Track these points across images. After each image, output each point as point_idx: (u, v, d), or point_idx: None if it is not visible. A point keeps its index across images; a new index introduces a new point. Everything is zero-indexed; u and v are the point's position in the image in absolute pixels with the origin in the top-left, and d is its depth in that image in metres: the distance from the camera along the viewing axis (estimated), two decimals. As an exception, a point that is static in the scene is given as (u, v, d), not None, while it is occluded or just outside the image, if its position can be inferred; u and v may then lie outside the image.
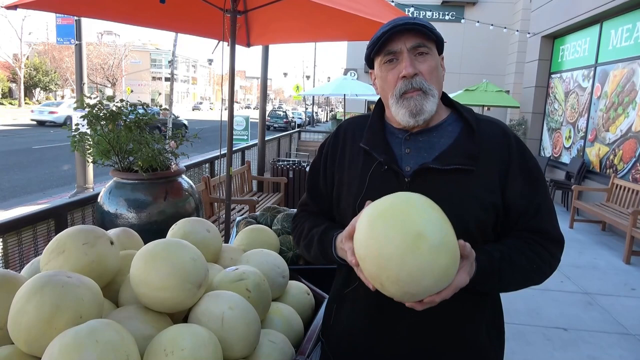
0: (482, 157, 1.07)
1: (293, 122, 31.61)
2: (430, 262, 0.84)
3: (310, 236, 1.21)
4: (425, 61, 1.06)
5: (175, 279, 1.10)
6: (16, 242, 2.29)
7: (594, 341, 3.40)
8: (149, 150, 2.35)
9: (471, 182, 1.05)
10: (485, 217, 1.06)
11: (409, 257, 0.84)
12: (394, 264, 0.85)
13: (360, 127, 1.21)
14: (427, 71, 1.06)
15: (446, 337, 1.09)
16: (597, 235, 6.41)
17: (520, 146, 1.12)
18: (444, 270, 0.86)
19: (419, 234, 0.84)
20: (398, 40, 1.05)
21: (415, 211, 0.88)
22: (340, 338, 1.22)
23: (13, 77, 41.47)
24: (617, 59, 7.04)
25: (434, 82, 1.07)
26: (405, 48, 1.05)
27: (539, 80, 9.75)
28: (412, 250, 0.84)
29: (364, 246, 0.90)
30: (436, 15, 15.56)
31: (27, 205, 7.40)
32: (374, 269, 0.89)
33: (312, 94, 21.41)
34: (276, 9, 3.24)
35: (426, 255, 0.84)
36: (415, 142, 1.12)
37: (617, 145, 6.84)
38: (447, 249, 0.86)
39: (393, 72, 1.08)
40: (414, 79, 1.05)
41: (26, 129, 21.51)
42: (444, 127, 1.13)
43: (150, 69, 63.92)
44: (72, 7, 3.12)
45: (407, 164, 1.10)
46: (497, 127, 1.13)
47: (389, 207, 0.90)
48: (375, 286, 0.91)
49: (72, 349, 0.87)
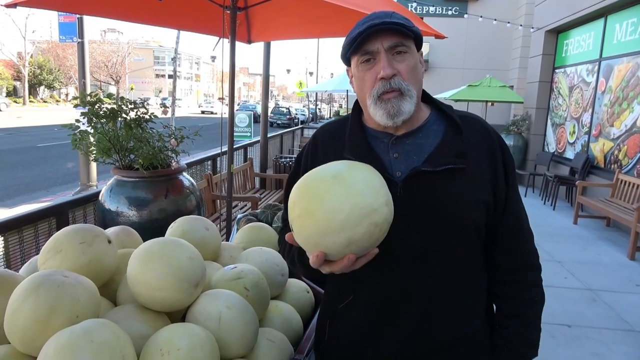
0: (470, 154, 1.06)
1: (296, 118, 31.60)
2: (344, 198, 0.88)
3: (291, 254, 1.14)
4: (404, 60, 1.03)
5: (172, 278, 1.10)
6: (17, 240, 2.29)
7: (598, 338, 3.38)
8: (150, 148, 2.35)
9: (464, 181, 1.04)
10: (480, 215, 1.05)
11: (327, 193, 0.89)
12: (315, 205, 0.90)
13: (339, 135, 1.15)
14: (406, 71, 1.03)
15: (447, 336, 1.08)
16: (602, 231, 6.38)
17: (502, 142, 1.12)
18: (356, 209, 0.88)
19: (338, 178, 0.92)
20: (375, 40, 1.02)
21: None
22: (336, 355, 1.18)
23: (17, 76, 41.65)
24: (621, 53, 6.98)
25: (413, 81, 1.04)
26: (383, 48, 1.02)
27: (542, 75, 9.68)
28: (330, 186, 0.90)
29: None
30: (439, 10, 15.46)
31: (31, 203, 7.43)
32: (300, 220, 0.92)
33: (314, 90, 21.38)
34: (277, 5, 3.22)
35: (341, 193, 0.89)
36: (403, 146, 1.08)
37: (621, 141, 6.79)
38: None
39: (371, 73, 1.04)
40: (392, 80, 1.02)
41: (31, 127, 21.60)
42: (429, 126, 1.10)
43: (154, 66, 64.00)
44: (72, 4, 3.11)
45: (398, 169, 1.06)
46: (478, 123, 1.13)
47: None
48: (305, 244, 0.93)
49: (67, 350, 0.87)
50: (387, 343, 1.09)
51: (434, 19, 14.23)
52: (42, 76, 43.39)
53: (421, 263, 1.03)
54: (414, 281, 1.04)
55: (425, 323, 1.06)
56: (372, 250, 0.92)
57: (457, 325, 1.08)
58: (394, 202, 0.95)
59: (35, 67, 42.73)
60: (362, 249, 0.91)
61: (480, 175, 1.06)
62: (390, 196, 0.94)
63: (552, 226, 6.55)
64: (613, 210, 5.83)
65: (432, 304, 1.05)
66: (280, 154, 8.99)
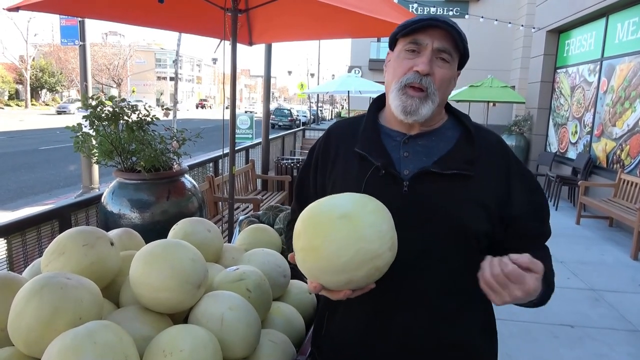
0: (480, 164, 1.06)
1: (298, 120, 31.62)
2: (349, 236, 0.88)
3: None
4: (443, 68, 1.04)
5: (174, 280, 1.10)
6: (20, 243, 2.30)
7: (601, 338, 3.37)
8: (152, 150, 2.35)
9: (470, 188, 1.05)
10: (482, 223, 1.05)
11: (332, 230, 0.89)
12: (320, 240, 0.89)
13: (352, 131, 1.17)
14: (440, 78, 1.04)
15: (440, 340, 1.08)
16: (604, 231, 6.36)
17: (514, 155, 1.14)
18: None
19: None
20: (429, 35, 1.03)
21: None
22: (333, 348, 1.18)
23: (19, 79, 41.79)
24: (623, 53, 6.96)
25: (442, 90, 1.06)
26: (432, 45, 1.03)
27: (544, 75, 9.67)
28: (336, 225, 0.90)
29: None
30: (440, 11, 15.48)
31: (34, 205, 7.46)
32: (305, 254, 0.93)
33: (316, 91, 21.40)
34: (277, 7, 3.23)
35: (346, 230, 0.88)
36: (414, 146, 1.10)
37: (624, 140, 6.77)
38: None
39: (409, 62, 1.05)
40: (425, 78, 1.03)
41: (33, 130, 21.66)
42: (443, 131, 1.12)
43: (155, 68, 64.11)
44: (74, 8, 3.13)
45: (406, 168, 1.07)
46: (493, 136, 1.14)
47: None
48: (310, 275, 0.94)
49: (71, 351, 0.87)
50: (383, 340, 1.09)
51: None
52: (44, 79, 43.55)
53: (419, 263, 1.04)
54: (412, 280, 1.05)
55: (421, 323, 1.06)
56: (370, 285, 0.95)
57: (450, 328, 1.08)
58: (398, 200, 0.97)
59: (37, 71, 42.88)
60: (360, 286, 0.93)
61: (488, 185, 1.06)
62: (396, 238, 0.94)
63: (555, 226, 6.34)
64: (616, 210, 5.82)
65: (428, 304, 1.05)
66: (281, 156, 8.99)
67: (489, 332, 1.17)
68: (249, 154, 6.89)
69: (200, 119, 34.27)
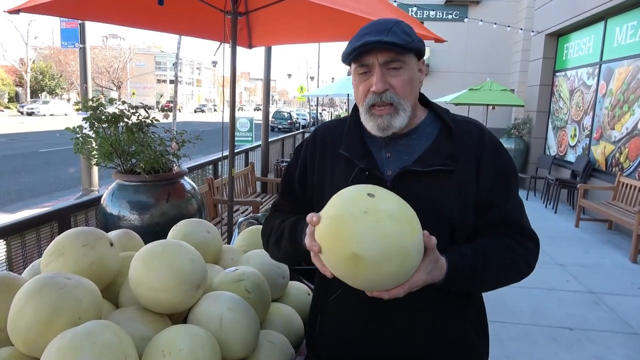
0: (461, 157, 1.07)
1: (297, 123, 31.64)
2: (390, 241, 0.86)
3: (281, 228, 1.16)
4: (398, 75, 1.05)
5: (174, 280, 1.11)
6: (20, 244, 2.30)
7: (600, 341, 3.37)
8: (151, 152, 2.36)
9: (452, 183, 1.06)
10: (467, 216, 1.07)
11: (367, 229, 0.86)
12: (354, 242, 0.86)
13: (338, 132, 1.19)
14: (400, 86, 1.05)
15: (435, 338, 1.09)
16: (604, 234, 6.36)
17: (494, 143, 1.12)
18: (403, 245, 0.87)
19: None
20: (370, 55, 1.04)
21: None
22: (327, 349, 1.18)
23: (19, 81, 41.85)
24: (622, 57, 6.99)
25: (407, 94, 1.06)
26: (378, 62, 1.04)
27: (543, 78, 9.69)
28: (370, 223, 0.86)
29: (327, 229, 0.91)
30: (439, 15, 15.51)
31: (33, 208, 7.45)
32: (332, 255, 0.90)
33: (315, 94, 21.41)
34: (277, 10, 3.24)
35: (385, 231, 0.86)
36: (395, 146, 1.12)
37: (623, 143, 6.78)
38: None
39: (365, 84, 1.07)
40: (384, 94, 1.05)
41: (33, 132, 21.67)
42: (423, 128, 1.14)
43: (155, 71, 64.18)
44: (74, 10, 3.14)
45: (389, 168, 1.10)
46: (474, 126, 1.14)
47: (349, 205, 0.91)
48: (334, 273, 0.92)
49: (70, 351, 0.87)
50: (375, 339, 1.09)
51: (435, 23, 14.29)
52: (44, 82, 43.60)
53: None
54: None
55: (411, 322, 1.07)
56: None
57: (443, 325, 1.09)
58: None
59: (37, 73, 42.95)
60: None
61: (469, 177, 1.07)
62: None
63: (554, 229, 6.54)
64: (615, 213, 5.82)
65: (418, 302, 1.05)
66: (281, 158, 9.00)
67: (481, 326, 1.18)
68: (249, 157, 6.89)
69: (199, 122, 34.29)
